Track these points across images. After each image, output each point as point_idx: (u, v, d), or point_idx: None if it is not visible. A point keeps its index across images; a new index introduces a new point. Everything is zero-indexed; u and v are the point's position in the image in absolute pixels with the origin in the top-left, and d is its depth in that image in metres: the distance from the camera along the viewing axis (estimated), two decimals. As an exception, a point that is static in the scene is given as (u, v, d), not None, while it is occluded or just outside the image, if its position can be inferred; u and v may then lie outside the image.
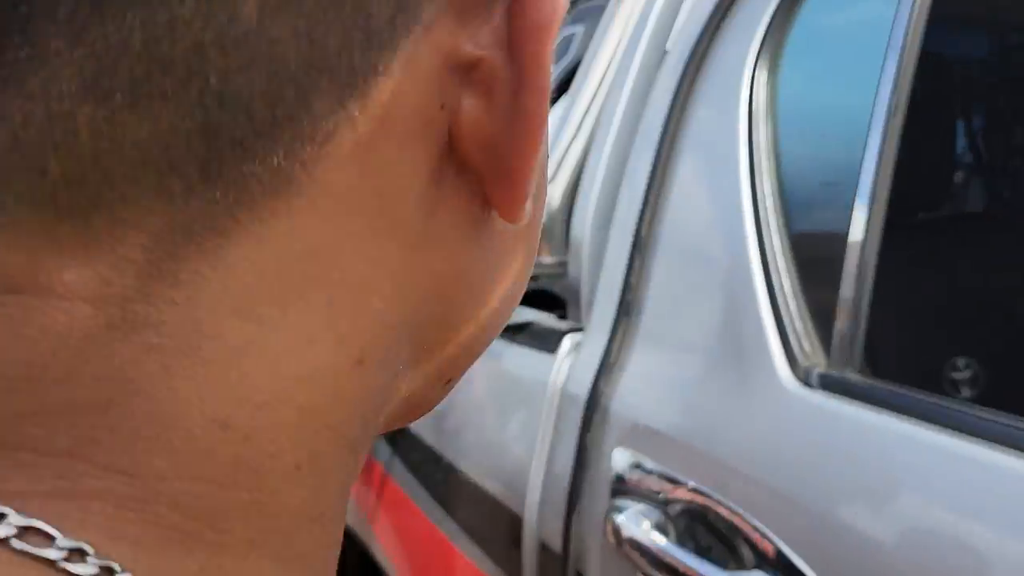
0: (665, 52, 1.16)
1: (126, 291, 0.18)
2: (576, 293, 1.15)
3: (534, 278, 1.11)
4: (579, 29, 1.38)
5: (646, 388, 0.94)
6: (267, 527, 0.20)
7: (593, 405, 0.98)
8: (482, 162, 0.20)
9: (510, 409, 1.20)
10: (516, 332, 1.21)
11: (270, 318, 0.19)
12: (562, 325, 1.16)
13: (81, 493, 0.18)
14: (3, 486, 0.17)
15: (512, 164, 0.20)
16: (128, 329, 0.18)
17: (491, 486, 1.21)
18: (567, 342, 1.10)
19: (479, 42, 0.20)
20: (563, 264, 1.26)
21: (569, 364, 1.09)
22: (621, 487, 0.90)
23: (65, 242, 0.18)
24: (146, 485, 0.18)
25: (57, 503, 0.18)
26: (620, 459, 0.91)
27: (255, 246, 0.18)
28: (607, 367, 0.98)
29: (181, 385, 0.18)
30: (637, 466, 0.89)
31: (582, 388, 1.01)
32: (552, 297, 1.36)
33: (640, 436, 0.91)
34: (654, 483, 0.87)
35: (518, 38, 0.19)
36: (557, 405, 1.08)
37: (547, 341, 1.14)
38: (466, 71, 0.20)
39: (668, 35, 1.17)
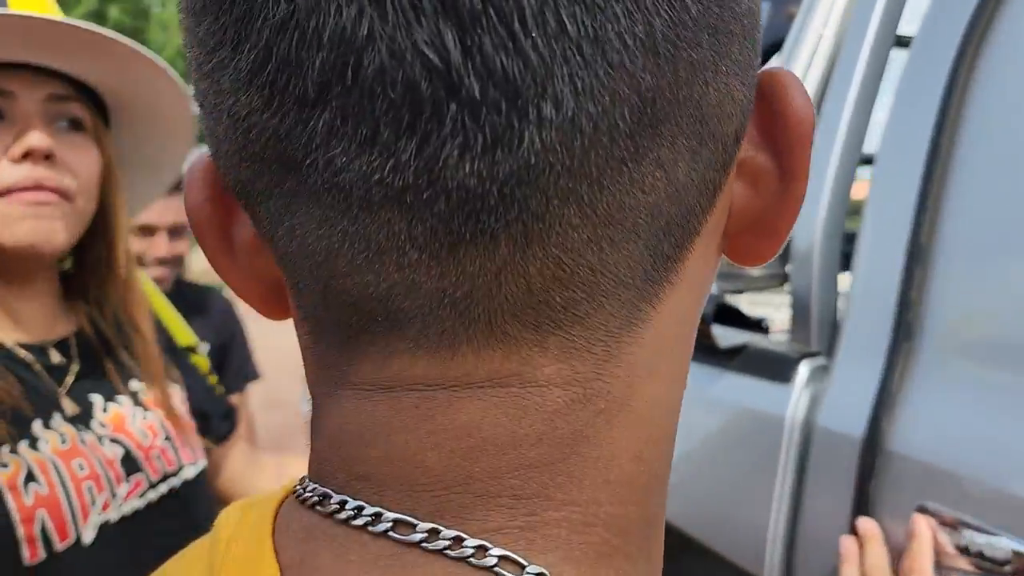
0: (897, 37, 1.00)
1: (587, 375, 0.25)
2: (804, 310, 0.99)
3: (738, 292, 0.94)
4: (765, 6, 1.22)
5: (957, 429, 0.78)
6: (647, 535, 0.27)
7: (873, 448, 0.82)
8: (741, 227, 0.29)
9: (728, 445, 1.04)
10: (729, 357, 1.05)
11: (666, 373, 0.27)
12: (790, 349, 1.00)
13: (544, 523, 0.25)
14: (485, 524, 0.24)
15: (779, 227, 0.29)
16: (586, 401, 0.25)
17: (703, 534, 1.05)
18: (805, 369, 0.95)
19: (745, 146, 0.28)
20: (777, 277, 1.11)
21: (810, 395, 0.93)
22: (938, 553, 0.74)
23: (551, 349, 0.25)
24: (589, 511, 0.25)
25: (526, 534, 0.25)
26: (932, 518, 0.75)
27: (658, 323, 0.26)
28: (888, 401, 0.82)
29: (617, 434, 0.26)
30: (962, 526, 0.73)
31: (852, 426, 0.85)
32: (729, 310, 1.21)
33: (958, 490, 0.75)
34: (995, 551, 0.71)
35: (786, 146, 0.27)
36: (799, 443, 0.93)
37: (774, 367, 0.98)
38: (738, 168, 0.28)
39: (899, 18, 1.00)
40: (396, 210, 0.23)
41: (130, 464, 0.93)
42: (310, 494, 0.27)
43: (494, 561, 0.24)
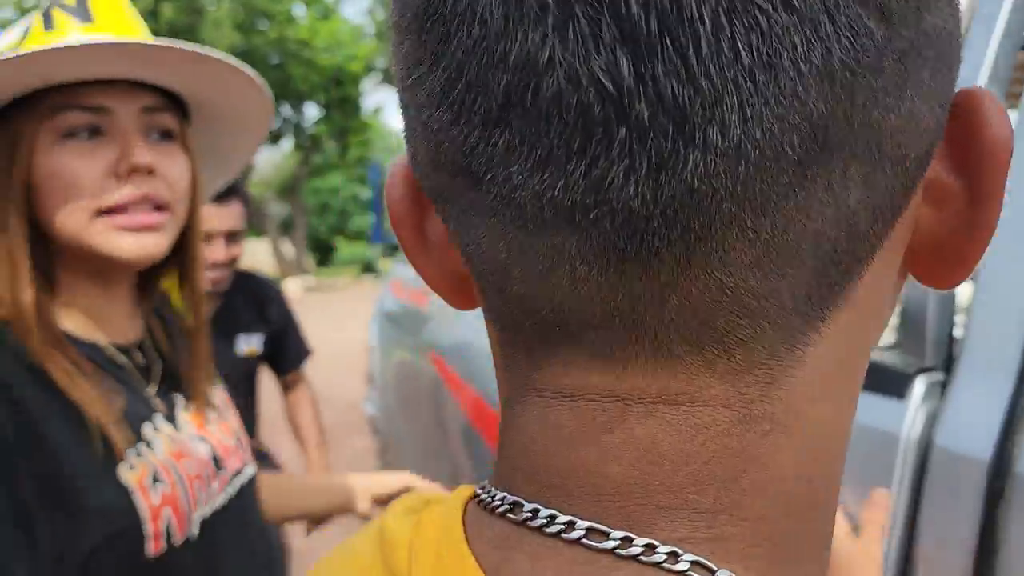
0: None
1: (751, 396, 0.26)
2: (917, 322, 0.94)
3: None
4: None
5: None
6: (819, 549, 0.29)
7: (1003, 470, 0.77)
8: (927, 251, 0.28)
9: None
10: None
11: (835, 395, 0.28)
12: (903, 363, 0.95)
13: (723, 537, 0.26)
14: (671, 534, 0.26)
15: (965, 254, 0.28)
16: (751, 422, 0.26)
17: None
18: (921, 384, 0.90)
19: (934, 167, 0.27)
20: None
21: (927, 412, 0.89)
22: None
23: (717, 370, 0.26)
24: (758, 527, 0.26)
25: (708, 545, 0.26)
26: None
27: (823, 346, 0.26)
28: (1018, 421, 0.78)
29: (785, 457, 0.27)
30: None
31: (978, 447, 0.80)
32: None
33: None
34: None
35: (978, 169, 0.26)
36: (915, 463, 0.88)
37: (886, 382, 0.94)
38: (925, 190, 0.27)
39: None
40: (566, 227, 0.24)
41: (216, 462, 0.98)
42: (499, 502, 0.28)
43: (687, 566, 0.25)
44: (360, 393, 3.85)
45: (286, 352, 2.28)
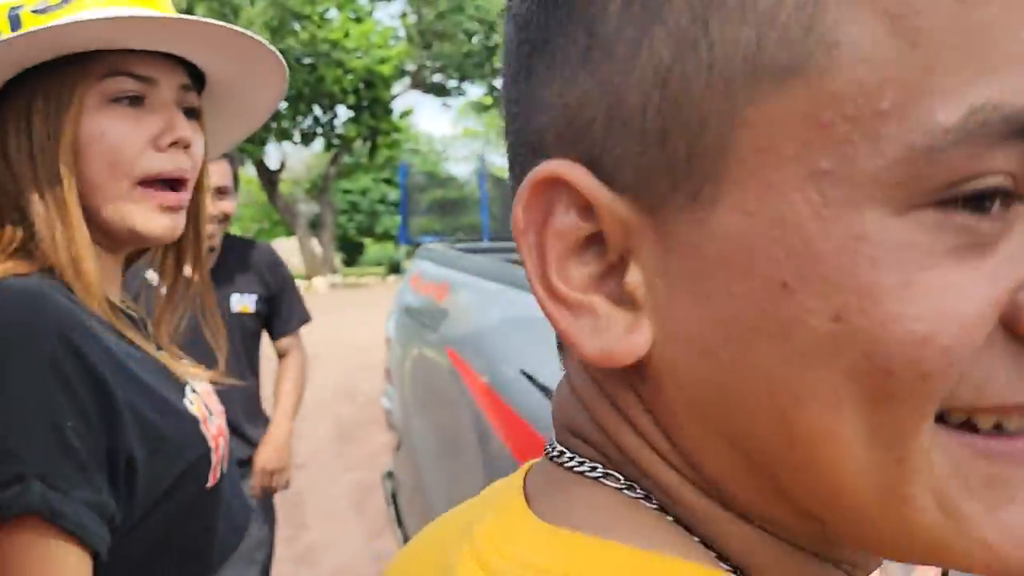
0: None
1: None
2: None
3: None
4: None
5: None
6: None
7: None
8: None
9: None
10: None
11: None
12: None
13: (635, 463, 0.34)
14: (595, 456, 0.35)
15: None
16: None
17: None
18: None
19: None
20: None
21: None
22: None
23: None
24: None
25: (627, 468, 0.34)
26: None
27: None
28: None
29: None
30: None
31: None
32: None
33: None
34: None
35: None
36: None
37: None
38: None
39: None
40: None
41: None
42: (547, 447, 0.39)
43: (623, 484, 0.34)
44: (382, 390, 3.86)
45: (279, 315, 2.34)
